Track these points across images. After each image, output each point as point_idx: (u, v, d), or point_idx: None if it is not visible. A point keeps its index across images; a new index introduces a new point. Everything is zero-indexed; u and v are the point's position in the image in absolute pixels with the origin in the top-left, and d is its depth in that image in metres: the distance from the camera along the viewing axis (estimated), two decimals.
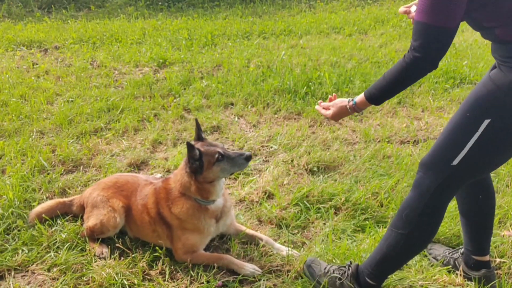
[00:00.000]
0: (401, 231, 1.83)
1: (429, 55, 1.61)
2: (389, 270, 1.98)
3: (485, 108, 1.54)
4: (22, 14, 9.30)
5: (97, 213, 2.48)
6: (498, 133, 1.54)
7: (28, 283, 2.22)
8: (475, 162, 1.64)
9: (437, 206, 1.78)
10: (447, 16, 1.54)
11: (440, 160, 1.69)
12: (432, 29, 1.56)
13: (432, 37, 1.57)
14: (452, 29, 1.56)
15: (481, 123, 1.54)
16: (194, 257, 2.34)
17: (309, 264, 2.18)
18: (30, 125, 3.96)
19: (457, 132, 1.63)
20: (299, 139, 3.78)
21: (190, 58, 6.18)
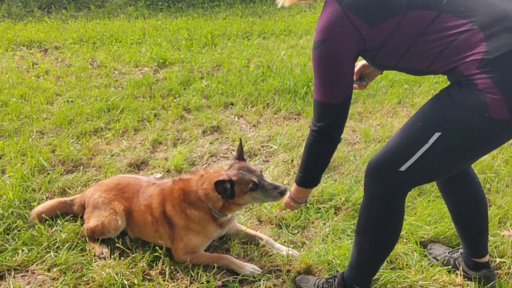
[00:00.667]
0: (362, 237, 1.84)
1: (323, 129, 1.71)
2: (367, 274, 1.96)
3: (437, 122, 1.54)
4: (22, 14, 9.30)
5: (98, 214, 2.48)
6: (447, 147, 1.55)
7: (28, 283, 2.22)
8: (423, 171, 1.64)
9: (390, 210, 1.77)
10: (332, 94, 1.65)
11: (388, 165, 1.69)
12: (322, 105, 1.68)
13: (323, 113, 1.69)
14: (338, 104, 1.66)
15: (432, 135, 1.54)
16: (194, 257, 2.34)
17: (298, 284, 2.17)
18: (30, 125, 3.96)
19: (407, 140, 1.63)
20: (299, 139, 3.78)
21: (190, 58, 6.18)
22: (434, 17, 1.48)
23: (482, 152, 1.62)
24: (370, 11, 1.53)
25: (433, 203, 2.79)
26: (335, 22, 1.56)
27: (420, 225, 2.57)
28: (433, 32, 1.48)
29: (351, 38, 1.57)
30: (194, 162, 3.47)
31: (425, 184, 3.04)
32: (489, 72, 1.40)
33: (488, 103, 1.40)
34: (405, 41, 1.53)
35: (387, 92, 4.84)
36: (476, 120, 1.46)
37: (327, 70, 1.63)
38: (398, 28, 1.52)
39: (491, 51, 1.40)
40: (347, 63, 1.63)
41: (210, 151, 3.60)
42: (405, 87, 5.05)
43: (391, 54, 1.60)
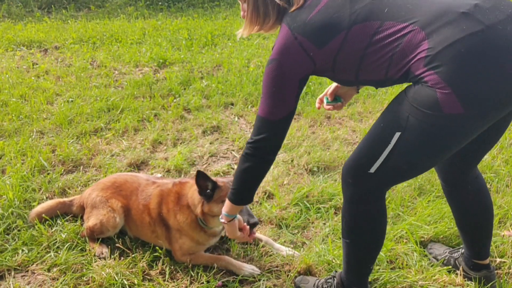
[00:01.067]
0: (346, 239, 1.85)
1: (257, 144, 1.74)
2: (360, 274, 1.95)
3: (397, 122, 1.56)
4: (22, 14, 9.30)
5: (97, 213, 2.48)
6: (408, 146, 1.56)
7: (28, 283, 2.22)
8: (392, 171, 1.65)
9: (369, 212, 1.77)
10: (272, 110, 1.69)
11: (358, 168, 1.71)
12: (261, 120, 1.72)
13: (260, 128, 1.73)
14: (275, 122, 1.70)
15: (393, 135, 1.56)
16: (193, 258, 2.34)
17: (298, 285, 2.17)
18: (30, 125, 3.96)
19: (373, 142, 1.66)
20: (299, 139, 3.78)
21: (190, 58, 6.18)
22: (377, 26, 1.52)
23: (449, 148, 1.60)
24: (317, 33, 1.59)
25: (433, 203, 2.79)
26: (285, 44, 1.62)
27: (420, 225, 2.57)
28: (378, 41, 1.52)
29: (299, 60, 1.63)
30: (194, 162, 3.47)
31: (425, 185, 3.05)
32: (434, 67, 1.42)
33: (439, 98, 1.42)
34: (354, 55, 1.58)
35: (387, 92, 4.85)
36: (431, 117, 1.47)
37: (272, 87, 1.68)
38: (344, 44, 1.57)
39: (433, 47, 1.42)
40: (291, 84, 1.67)
41: (210, 151, 3.60)
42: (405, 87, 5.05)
43: (346, 69, 1.64)
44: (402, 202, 2.85)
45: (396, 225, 2.60)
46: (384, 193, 1.79)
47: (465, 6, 1.44)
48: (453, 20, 1.43)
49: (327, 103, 2.12)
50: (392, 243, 2.42)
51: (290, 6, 1.67)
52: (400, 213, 2.73)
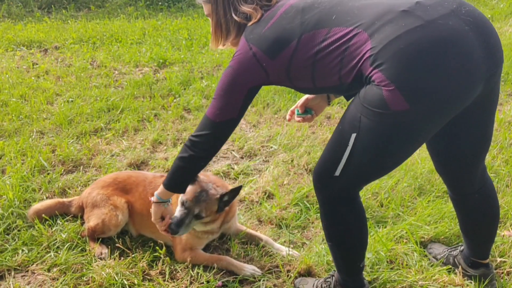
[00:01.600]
0: (329, 243, 1.88)
1: (195, 139, 1.83)
2: (352, 273, 1.95)
3: (352, 123, 1.58)
4: (22, 14, 9.30)
5: (98, 212, 2.47)
6: (365, 147, 1.58)
7: (28, 283, 2.22)
8: (356, 172, 1.67)
9: (345, 214, 1.78)
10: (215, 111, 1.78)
11: (324, 173, 1.73)
12: (204, 118, 1.83)
13: (201, 125, 1.83)
14: (215, 123, 1.79)
15: (350, 136, 1.58)
16: (193, 257, 2.33)
17: (297, 286, 2.17)
18: (30, 125, 3.96)
19: (334, 145, 1.68)
20: (299, 139, 3.78)
21: (190, 58, 6.18)
22: (325, 33, 1.56)
23: (406, 146, 1.61)
24: (270, 44, 1.64)
25: (433, 203, 2.79)
26: (241, 54, 1.70)
27: (420, 225, 2.57)
28: (327, 47, 1.55)
29: (252, 70, 1.69)
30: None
31: (425, 185, 3.05)
32: (378, 66, 1.44)
33: (384, 96, 1.44)
34: (305, 62, 1.62)
35: None
36: (380, 115, 1.49)
37: (220, 91, 1.76)
38: (295, 53, 1.61)
39: (375, 46, 1.45)
40: (239, 91, 1.74)
41: None
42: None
43: (302, 78, 1.68)
44: (402, 202, 2.85)
45: (396, 225, 2.60)
46: (356, 194, 1.79)
47: (406, 5, 1.48)
48: (393, 18, 1.47)
49: (297, 115, 2.14)
50: (392, 243, 2.42)
51: (248, 21, 1.74)
52: (400, 213, 2.73)
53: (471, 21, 1.48)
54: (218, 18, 1.81)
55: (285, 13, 1.66)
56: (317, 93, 1.85)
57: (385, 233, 2.48)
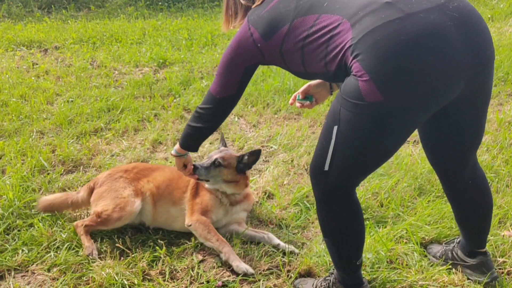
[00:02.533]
0: (326, 238, 1.89)
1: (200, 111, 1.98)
2: (349, 270, 1.95)
3: (334, 115, 1.60)
4: (22, 14, 9.30)
5: (113, 195, 2.43)
6: (346, 139, 1.59)
7: (28, 283, 2.22)
8: (343, 166, 1.67)
9: (339, 209, 1.78)
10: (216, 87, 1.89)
11: (315, 168, 1.75)
12: (208, 93, 1.94)
13: (205, 99, 1.96)
14: (217, 99, 1.90)
15: (332, 129, 1.60)
16: (202, 223, 2.41)
17: (297, 287, 2.18)
18: (30, 125, 3.96)
19: (321, 140, 1.70)
20: (299, 139, 3.78)
21: (190, 58, 6.19)
22: (315, 19, 1.60)
23: (385, 141, 1.60)
24: (265, 26, 1.71)
25: (433, 203, 2.79)
26: (240, 33, 1.79)
27: (420, 225, 2.57)
28: (315, 33, 1.59)
29: (248, 49, 1.77)
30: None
31: (425, 185, 3.04)
32: (356, 56, 1.46)
33: (360, 87, 1.46)
34: (295, 46, 1.66)
35: None
36: (357, 107, 1.50)
37: (222, 68, 1.86)
38: (287, 36, 1.67)
39: (355, 37, 1.47)
40: (237, 71, 1.84)
41: (210, 151, 3.60)
42: None
43: (294, 62, 1.73)
44: (402, 202, 2.85)
45: (396, 225, 2.60)
46: (350, 192, 1.78)
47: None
48: (375, 10, 1.48)
49: (298, 100, 2.19)
50: (392, 243, 2.42)
51: (253, 4, 1.83)
52: (400, 213, 2.73)
53: (456, 17, 1.46)
54: (228, 2, 1.95)
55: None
56: (310, 78, 1.89)
57: (385, 233, 2.48)
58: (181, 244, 2.50)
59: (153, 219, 2.58)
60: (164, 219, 2.58)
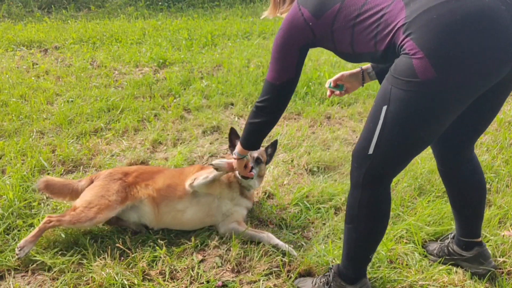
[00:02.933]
0: (350, 225, 1.88)
1: (261, 104, 1.98)
2: (359, 262, 1.98)
3: (383, 96, 1.62)
4: (22, 14, 9.30)
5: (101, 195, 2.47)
6: (395, 118, 1.60)
7: (28, 283, 2.22)
8: (386, 149, 1.68)
9: (373, 197, 1.80)
10: (274, 75, 1.90)
11: (360, 151, 1.76)
12: (266, 83, 1.95)
13: (264, 90, 1.96)
14: (276, 85, 1.91)
15: (381, 110, 1.62)
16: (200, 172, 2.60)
17: (297, 285, 2.18)
18: (30, 125, 3.96)
19: (368, 123, 1.71)
20: (299, 139, 3.78)
21: (190, 58, 6.18)
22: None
23: (435, 120, 1.62)
24: (316, 4, 1.75)
25: (433, 203, 2.79)
26: (290, 15, 1.82)
27: (421, 225, 2.57)
28: (366, 11, 1.63)
29: (300, 29, 1.79)
30: (194, 162, 3.47)
31: (425, 185, 3.04)
32: (410, 34, 1.49)
33: (414, 65, 1.49)
34: (346, 25, 1.70)
35: None
36: (410, 84, 1.52)
37: (276, 54, 1.88)
38: (339, 14, 1.70)
39: (409, 15, 1.51)
40: (292, 53, 1.85)
41: (210, 151, 3.60)
42: None
43: (343, 41, 1.75)
44: (402, 202, 2.85)
45: (396, 225, 2.60)
46: (388, 180, 1.81)
47: None
48: None
49: (328, 88, 2.26)
50: (392, 243, 2.42)
51: None
52: (400, 213, 2.73)
53: (508, 3, 1.49)
54: None
55: None
56: (355, 60, 1.89)
57: (386, 233, 2.48)
58: (181, 244, 2.50)
59: (158, 220, 2.59)
60: (171, 217, 2.58)
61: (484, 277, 2.18)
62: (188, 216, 2.58)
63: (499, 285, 2.18)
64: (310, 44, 1.84)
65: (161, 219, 2.59)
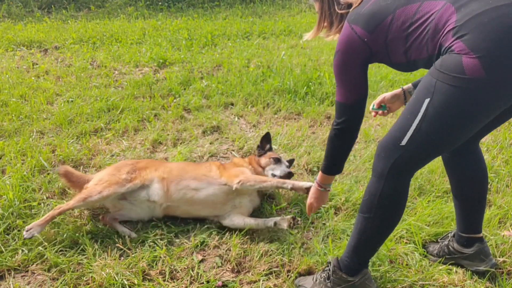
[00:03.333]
0: (366, 215, 1.89)
1: (340, 126, 2.00)
2: (367, 253, 2.01)
3: (426, 89, 1.65)
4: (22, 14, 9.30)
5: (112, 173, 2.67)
6: (437, 112, 1.63)
7: (28, 283, 2.22)
8: (421, 142, 1.71)
9: (395, 188, 1.83)
10: (345, 95, 1.95)
11: (391, 142, 1.78)
12: (338, 105, 1.99)
13: (339, 112, 1.99)
14: (350, 105, 1.95)
15: (423, 103, 1.65)
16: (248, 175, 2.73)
17: (297, 284, 2.19)
18: (30, 125, 3.96)
19: (405, 114, 1.73)
20: (299, 139, 3.78)
21: (190, 58, 6.18)
22: (417, 7, 1.70)
23: (474, 118, 1.64)
24: (367, 20, 1.80)
25: (433, 203, 2.79)
26: (344, 35, 1.87)
27: (421, 225, 2.57)
28: (418, 19, 1.69)
29: (357, 48, 1.84)
30: (194, 162, 3.47)
31: (425, 185, 3.04)
32: (460, 37, 1.54)
33: (463, 62, 1.52)
34: (399, 35, 1.74)
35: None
36: (456, 79, 1.55)
37: (341, 76, 1.93)
38: (391, 25, 1.75)
39: (460, 19, 1.56)
40: (356, 70, 1.90)
41: (210, 151, 3.60)
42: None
43: (397, 52, 1.80)
44: None
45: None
46: (411, 174, 1.85)
47: None
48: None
49: (372, 109, 2.37)
50: (392, 243, 2.42)
51: (349, 9, 1.93)
52: None
53: None
54: (324, 13, 2.04)
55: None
56: (411, 69, 1.93)
57: None
58: (181, 244, 2.50)
59: (167, 196, 2.65)
60: (182, 194, 2.65)
61: (484, 276, 2.18)
62: (201, 196, 2.65)
63: (499, 285, 2.18)
64: (368, 59, 1.89)
65: (171, 196, 2.65)
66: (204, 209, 2.68)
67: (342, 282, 2.01)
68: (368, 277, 2.02)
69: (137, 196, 2.67)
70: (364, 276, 2.00)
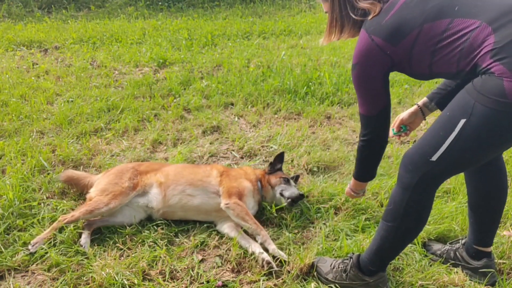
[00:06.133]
0: (390, 223, 1.91)
1: (367, 137, 2.00)
2: (387, 258, 2.07)
3: (463, 109, 1.63)
4: (22, 14, 9.30)
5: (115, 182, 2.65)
6: (473, 133, 1.62)
7: (28, 283, 2.22)
8: (453, 160, 1.71)
9: (421, 200, 1.84)
10: (368, 107, 1.94)
11: (421, 156, 1.78)
12: (363, 117, 1.98)
13: (365, 124, 1.99)
14: (374, 117, 1.95)
15: (458, 122, 1.63)
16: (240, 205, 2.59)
17: (316, 264, 2.25)
18: (30, 125, 3.96)
19: (438, 130, 1.73)
20: (299, 139, 3.78)
21: (190, 58, 6.18)
22: (447, 23, 1.65)
23: (510, 139, 1.66)
24: (391, 33, 1.76)
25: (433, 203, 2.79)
26: (363, 47, 1.83)
27: None
28: (449, 37, 1.65)
29: (377, 59, 1.82)
30: (194, 162, 3.47)
31: None
32: (500, 59, 1.52)
33: (505, 86, 1.51)
34: (426, 50, 1.72)
35: None
36: (497, 103, 1.54)
37: (361, 88, 1.92)
38: (417, 41, 1.72)
39: (499, 41, 1.53)
40: (377, 82, 1.88)
41: (210, 151, 3.60)
42: (405, 87, 5.06)
43: (420, 64, 1.78)
44: None
45: None
46: (438, 186, 1.86)
47: None
48: None
49: (394, 134, 2.33)
50: None
51: (365, 17, 1.87)
52: None
53: None
54: (334, 15, 1.97)
55: (405, 3, 1.76)
56: (427, 79, 1.93)
57: None
58: (181, 244, 2.50)
59: (165, 202, 2.65)
60: (177, 199, 2.65)
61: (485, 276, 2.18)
62: (195, 203, 2.64)
63: (499, 285, 2.18)
64: (389, 70, 1.87)
65: (168, 201, 2.65)
66: (199, 215, 2.68)
67: (357, 279, 2.06)
68: (383, 280, 2.06)
69: (136, 202, 2.67)
70: (379, 278, 2.04)
